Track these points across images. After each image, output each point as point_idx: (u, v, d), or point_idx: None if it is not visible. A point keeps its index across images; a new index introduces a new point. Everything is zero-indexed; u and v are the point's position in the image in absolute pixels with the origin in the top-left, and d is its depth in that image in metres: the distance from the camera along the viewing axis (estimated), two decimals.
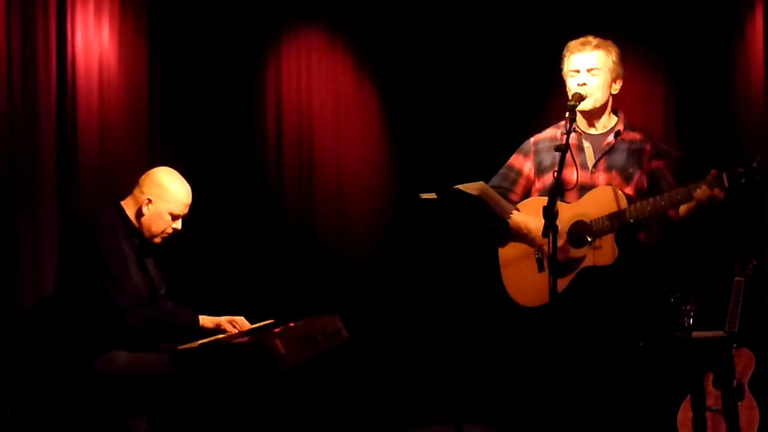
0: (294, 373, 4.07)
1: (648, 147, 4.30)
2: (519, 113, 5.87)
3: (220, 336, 4.36)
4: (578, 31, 4.40)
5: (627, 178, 4.22)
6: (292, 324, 4.41)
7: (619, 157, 4.26)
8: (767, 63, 5.30)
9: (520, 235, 4.29)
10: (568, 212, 4.13)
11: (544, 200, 3.79)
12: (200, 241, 5.81)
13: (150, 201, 4.35)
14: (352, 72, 6.37)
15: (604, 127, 4.34)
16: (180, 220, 4.44)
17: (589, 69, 4.25)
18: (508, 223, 4.25)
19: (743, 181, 3.90)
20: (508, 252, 4.34)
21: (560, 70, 4.39)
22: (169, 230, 4.42)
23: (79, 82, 4.91)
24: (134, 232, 4.39)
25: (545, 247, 4.08)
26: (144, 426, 4.17)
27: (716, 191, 3.94)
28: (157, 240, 4.43)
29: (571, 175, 4.21)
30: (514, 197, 4.43)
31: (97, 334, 4.19)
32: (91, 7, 4.99)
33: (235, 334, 4.39)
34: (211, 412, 4.18)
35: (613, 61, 4.30)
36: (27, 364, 4.45)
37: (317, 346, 4.34)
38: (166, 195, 4.37)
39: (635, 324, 4.21)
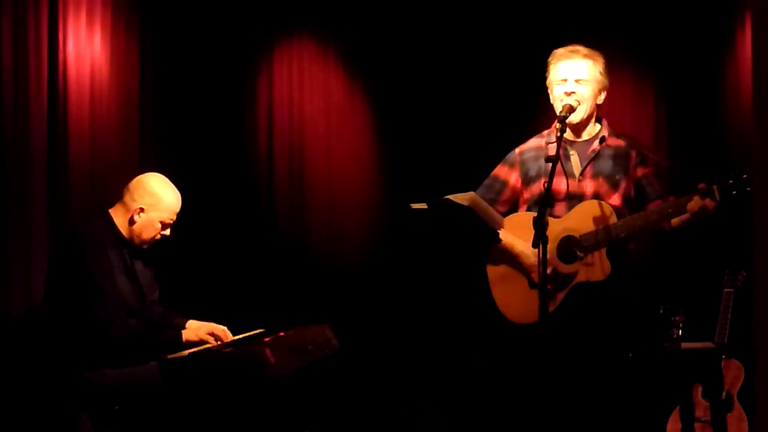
0: (284, 383, 4.07)
1: (633, 153, 4.28)
2: (511, 122, 5.88)
3: (210, 345, 4.36)
4: (568, 41, 4.40)
5: (614, 185, 4.21)
6: (282, 333, 4.41)
7: (605, 164, 4.24)
8: (756, 74, 5.32)
9: (510, 253, 4.27)
10: (556, 227, 4.11)
11: (530, 215, 3.78)
12: (191, 249, 5.81)
13: (142, 209, 4.35)
14: (344, 81, 6.38)
15: (589, 134, 4.33)
16: (167, 228, 4.45)
17: (577, 79, 4.23)
18: (498, 233, 4.24)
19: (734, 192, 3.91)
20: (498, 268, 4.33)
21: (545, 77, 4.37)
22: (158, 237, 4.42)
23: (71, 91, 4.90)
24: (122, 241, 4.39)
25: (535, 265, 4.10)
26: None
27: (708, 202, 3.93)
28: (146, 246, 4.44)
29: (560, 184, 4.20)
30: (500, 207, 4.40)
31: (84, 346, 4.19)
32: (83, 15, 4.99)
33: (225, 343, 4.39)
34: (201, 422, 4.17)
35: (600, 72, 4.27)
36: (15, 374, 4.44)
37: (307, 356, 4.34)
38: (158, 204, 4.38)
39: (625, 335, 4.21)
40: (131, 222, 4.37)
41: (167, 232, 4.45)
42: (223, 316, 4.65)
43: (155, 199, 4.37)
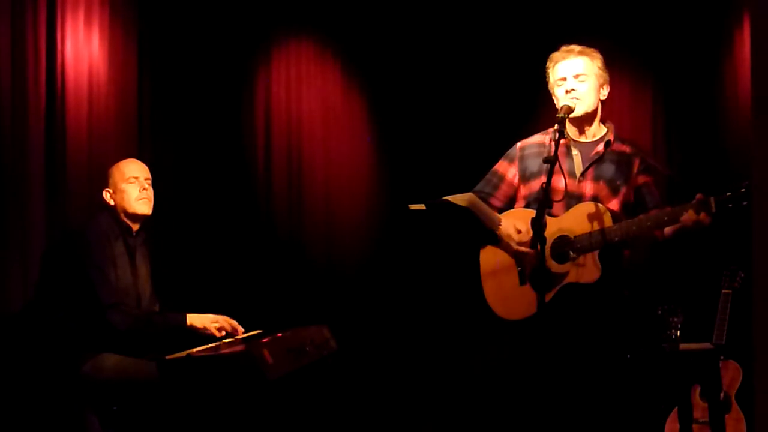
0: (282, 384, 4.07)
1: (637, 161, 4.27)
2: (508, 122, 5.87)
3: (208, 345, 4.37)
4: (566, 42, 4.40)
5: (614, 190, 4.20)
6: (280, 334, 4.41)
7: (608, 168, 4.23)
8: (755, 76, 5.32)
9: (503, 247, 4.27)
10: (551, 227, 4.10)
11: (528, 212, 3.78)
12: (189, 250, 5.81)
13: (108, 190, 4.59)
14: (342, 82, 6.38)
15: (594, 135, 4.30)
16: (142, 182, 4.59)
17: (576, 75, 4.21)
18: (496, 234, 4.24)
19: (730, 206, 3.89)
20: (490, 264, 4.32)
21: (546, 83, 4.37)
22: (137, 193, 4.57)
23: (69, 91, 4.91)
24: (127, 230, 4.56)
25: (527, 260, 4.10)
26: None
27: (702, 216, 3.92)
28: (140, 209, 4.58)
29: (559, 183, 4.18)
30: (496, 202, 4.39)
31: (85, 334, 4.28)
32: (81, 15, 4.99)
33: (223, 343, 4.40)
34: (199, 423, 4.17)
35: (599, 67, 4.26)
36: (12, 367, 4.46)
37: (305, 357, 4.34)
38: (113, 175, 4.61)
39: (623, 336, 4.20)
40: (114, 206, 4.57)
41: (144, 185, 4.59)
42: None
43: (110, 174, 4.62)
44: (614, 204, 4.17)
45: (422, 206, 4.19)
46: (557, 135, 4.01)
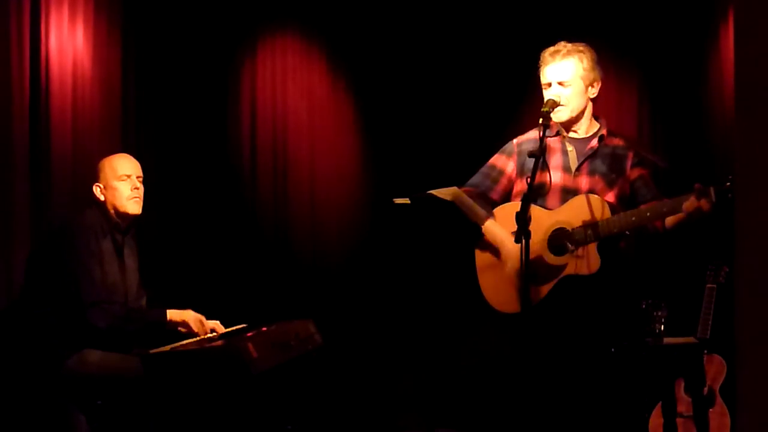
0: (266, 378, 4.07)
1: (631, 154, 4.28)
2: (494, 118, 5.89)
3: (192, 340, 4.36)
4: (553, 38, 4.39)
5: (610, 183, 4.21)
6: (264, 328, 4.41)
7: (602, 162, 4.24)
8: (738, 69, 5.32)
9: (495, 244, 4.28)
10: (548, 219, 4.12)
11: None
12: (174, 246, 5.80)
13: (98, 185, 4.51)
14: (328, 77, 6.37)
15: (587, 131, 4.31)
16: (134, 180, 4.53)
17: (560, 82, 4.22)
18: (480, 228, 4.24)
19: (730, 196, 3.90)
20: (486, 256, 4.33)
21: (537, 76, 4.37)
22: (130, 192, 4.51)
23: (53, 86, 4.89)
24: (116, 226, 4.51)
25: (514, 252, 4.09)
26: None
27: (703, 202, 3.93)
28: (131, 209, 4.51)
29: (556, 177, 4.20)
30: (495, 196, 4.40)
31: (68, 331, 4.26)
32: (65, 9, 4.97)
33: (207, 338, 4.40)
34: (183, 417, 4.17)
35: (585, 68, 4.24)
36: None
37: (290, 351, 4.34)
38: (104, 170, 4.53)
39: (607, 330, 4.22)
40: (104, 202, 4.50)
41: (136, 184, 4.54)
42: (206, 311, 4.65)
43: (101, 171, 4.54)
44: (610, 197, 4.19)
45: (407, 200, 4.19)
46: (542, 130, 4.02)
